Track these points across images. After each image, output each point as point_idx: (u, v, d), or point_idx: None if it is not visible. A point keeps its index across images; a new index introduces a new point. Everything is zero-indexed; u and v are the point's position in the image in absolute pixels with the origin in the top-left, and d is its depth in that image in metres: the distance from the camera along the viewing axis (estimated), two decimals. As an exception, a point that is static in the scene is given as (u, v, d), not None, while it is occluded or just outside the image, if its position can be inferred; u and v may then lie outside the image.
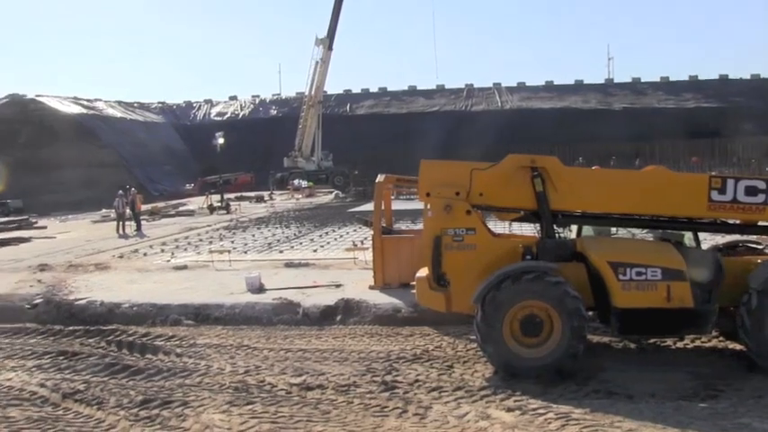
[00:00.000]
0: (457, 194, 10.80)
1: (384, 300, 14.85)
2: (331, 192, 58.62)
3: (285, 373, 10.84)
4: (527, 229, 16.49)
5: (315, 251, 23.30)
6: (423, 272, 11.44)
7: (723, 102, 75.70)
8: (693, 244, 11.38)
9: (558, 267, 10.36)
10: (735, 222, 11.11)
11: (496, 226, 15.59)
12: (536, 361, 10.05)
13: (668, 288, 9.95)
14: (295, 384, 10.26)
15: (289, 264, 20.20)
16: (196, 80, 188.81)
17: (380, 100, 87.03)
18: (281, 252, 23.42)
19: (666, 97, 79.88)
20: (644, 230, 12.05)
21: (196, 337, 13.43)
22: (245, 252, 23.73)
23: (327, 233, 28.98)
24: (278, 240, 26.91)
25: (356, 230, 28.21)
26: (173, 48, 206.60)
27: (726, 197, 10.43)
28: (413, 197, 28.32)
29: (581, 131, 69.18)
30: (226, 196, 48.75)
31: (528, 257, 10.81)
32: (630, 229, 11.93)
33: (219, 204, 44.70)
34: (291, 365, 11.27)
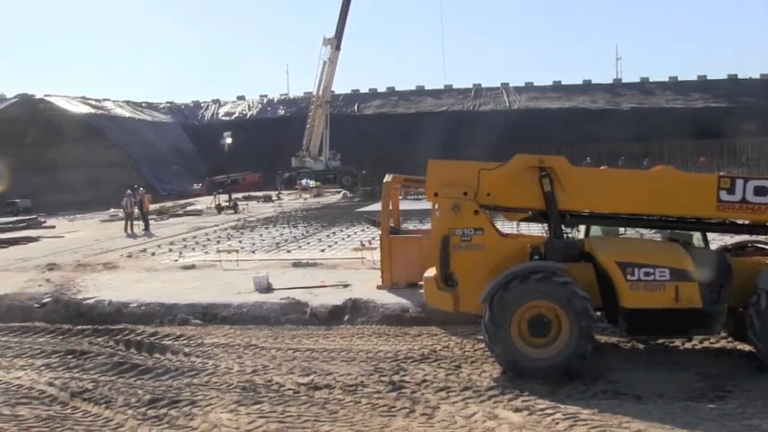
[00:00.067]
0: (465, 194, 10.79)
1: (392, 300, 14.85)
2: (339, 191, 58.57)
3: (293, 373, 10.85)
4: (535, 230, 16.46)
5: (322, 251, 23.30)
6: (431, 272, 11.43)
7: (732, 102, 75.33)
8: (702, 244, 11.35)
9: (566, 267, 10.34)
10: (744, 223, 11.05)
11: (504, 226, 15.56)
12: (544, 361, 10.04)
13: (676, 288, 9.92)
14: (303, 384, 10.27)
15: (296, 263, 20.22)
16: (204, 80, 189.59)
17: (388, 100, 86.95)
18: (289, 252, 23.44)
19: (675, 97, 79.56)
20: (652, 231, 12.02)
21: (204, 337, 13.45)
22: (252, 252, 23.76)
23: (335, 233, 28.97)
24: (286, 240, 26.92)
25: (364, 230, 28.20)
26: (181, 48, 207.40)
27: (735, 197, 10.39)
28: (421, 197, 28.37)
29: (589, 131, 69.00)
30: (234, 196, 48.82)
31: (536, 257, 10.80)
32: (639, 230, 11.90)
33: (227, 204, 44.74)
34: (299, 365, 11.28)
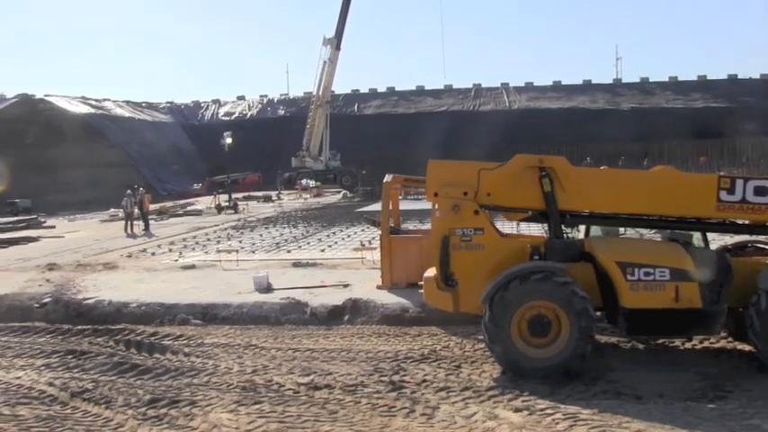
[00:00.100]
0: (465, 194, 10.79)
1: (392, 300, 14.85)
2: (339, 191, 58.56)
3: (293, 373, 10.85)
4: (535, 230, 16.46)
5: (322, 251, 23.30)
6: (431, 272, 11.43)
7: (732, 102, 75.33)
8: (702, 244, 11.35)
9: (566, 267, 10.34)
10: (744, 223, 11.05)
11: (504, 226, 15.56)
12: (544, 361, 10.05)
13: (676, 288, 9.92)
14: (303, 384, 10.27)
15: (296, 263, 20.22)
16: (204, 80, 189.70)
17: (388, 100, 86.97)
18: (289, 252, 23.44)
19: (675, 97, 79.57)
20: (652, 231, 12.02)
21: (204, 337, 13.45)
22: (252, 252, 23.76)
23: (335, 233, 28.97)
24: (286, 240, 26.92)
25: (364, 230, 28.20)
26: (181, 48, 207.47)
27: (735, 197, 10.39)
28: (421, 197, 28.37)
29: (589, 131, 69.00)
30: (234, 196, 48.83)
31: (536, 257, 10.80)
32: (638, 230, 11.90)
33: (227, 204, 44.74)
34: (299, 365, 11.28)
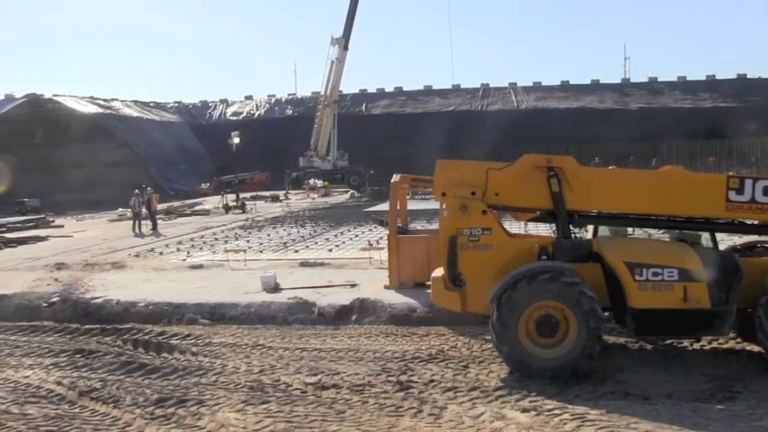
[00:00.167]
0: (472, 194, 10.77)
1: (399, 299, 14.83)
2: (346, 191, 58.61)
3: (300, 373, 10.85)
4: (543, 230, 16.44)
5: (330, 251, 23.31)
6: (438, 272, 11.41)
7: (741, 101, 75.08)
8: (710, 244, 11.30)
9: (574, 268, 10.31)
10: (753, 223, 10.98)
11: (512, 226, 15.52)
12: (552, 361, 10.01)
13: (685, 289, 9.88)
14: (310, 384, 10.27)
15: (304, 263, 20.23)
16: (212, 80, 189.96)
17: (396, 99, 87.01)
18: (297, 251, 23.46)
19: (683, 97, 79.37)
20: (660, 231, 11.98)
21: (211, 336, 13.46)
22: (260, 251, 23.77)
23: (343, 233, 28.99)
24: (293, 240, 26.94)
25: (371, 230, 28.19)
26: (189, 48, 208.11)
27: (744, 197, 10.34)
28: (428, 197, 28.34)
29: (597, 131, 68.91)
30: (241, 196, 48.84)
31: (544, 258, 10.75)
32: (647, 230, 11.86)
33: (235, 204, 44.79)
34: (306, 365, 11.28)
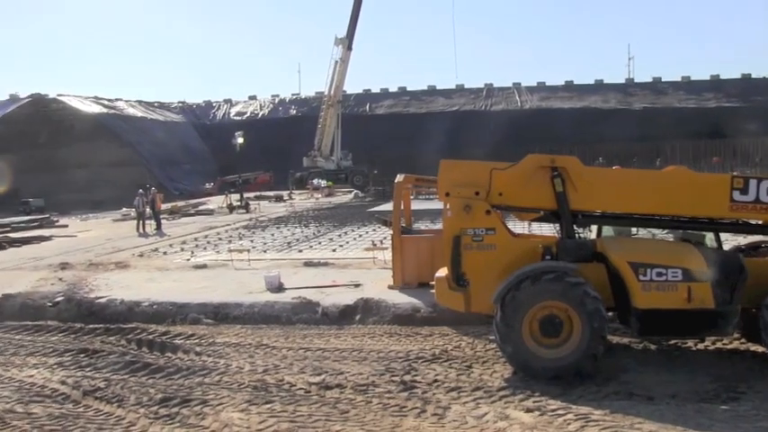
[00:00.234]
0: (476, 194, 10.76)
1: (403, 299, 14.83)
2: (350, 191, 58.65)
3: (304, 373, 10.85)
4: (547, 230, 16.41)
5: (334, 251, 23.32)
6: (442, 272, 11.41)
7: (745, 101, 74.90)
8: (715, 244, 11.29)
9: (578, 268, 10.30)
10: (757, 223, 10.97)
11: (516, 226, 15.52)
12: (555, 362, 10.00)
13: (689, 289, 9.86)
14: (314, 383, 10.27)
15: (308, 263, 20.24)
16: (216, 80, 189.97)
17: (400, 99, 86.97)
18: (301, 251, 23.47)
19: (687, 97, 79.20)
20: (664, 231, 11.97)
21: (215, 336, 13.47)
22: (264, 251, 23.78)
23: (347, 233, 28.99)
24: (297, 240, 26.96)
25: (375, 230, 28.21)
26: (193, 48, 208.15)
27: (748, 197, 10.33)
28: (432, 197, 28.35)
29: (601, 131, 68.80)
30: (245, 195, 48.89)
31: (548, 258, 10.75)
32: (651, 230, 11.85)
33: (239, 204, 44.84)
34: (310, 364, 11.28)
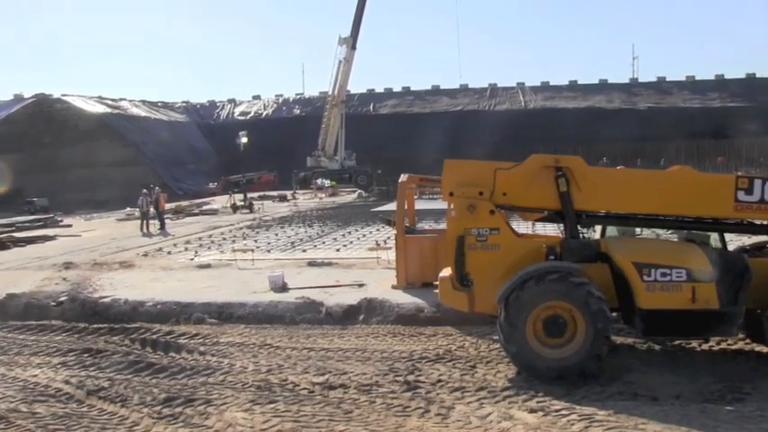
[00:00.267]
0: (480, 194, 10.74)
1: (407, 299, 14.82)
2: (354, 191, 58.69)
3: (308, 372, 10.85)
4: (551, 230, 16.41)
5: (338, 250, 23.32)
6: (446, 272, 11.39)
7: (750, 101, 74.76)
8: (719, 245, 11.27)
9: (582, 268, 10.27)
10: (762, 223, 10.94)
11: (520, 226, 15.50)
12: (559, 362, 9.97)
13: (693, 289, 9.83)
14: (317, 383, 10.27)
15: (312, 263, 20.24)
16: (220, 80, 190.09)
17: (403, 99, 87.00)
18: (304, 251, 23.48)
19: (692, 97, 79.12)
20: (669, 231, 11.94)
21: (219, 336, 13.47)
22: (268, 251, 23.79)
23: (350, 232, 28.99)
24: (301, 239, 26.97)
25: (379, 230, 28.21)
26: (197, 48, 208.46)
27: (753, 197, 10.30)
28: (436, 197, 28.34)
29: (605, 131, 68.80)
30: (249, 195, 48.90)
31: (552, 258, 10.72)
32: (655, 230, 11.83)
33: (243, 203, 44.86)
34: (314, 364, 11.28)
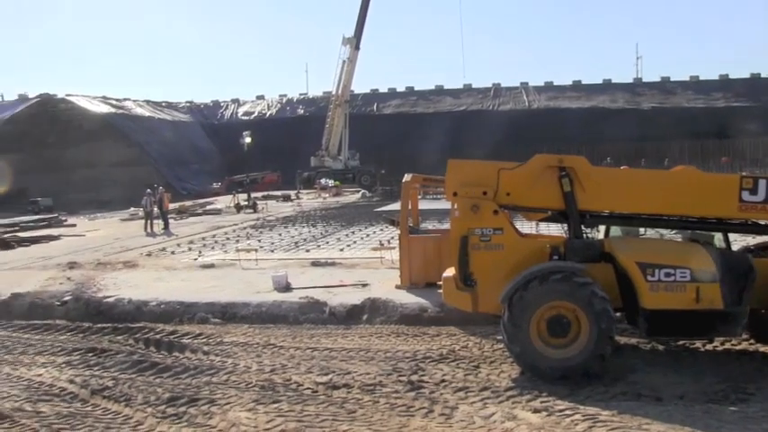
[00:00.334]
0: (484, 194, 10.74)
1: (410, 299, 14.83)
2: (358, 191, 58.65)
3: (311, 372, 10.86)
4: (554, 230, 16.38)
5: (341, 250, 23.33)
6: (449, 271, 11.40)
7: (754, 101, 74.52)
8: (723, 245, 11.25)
9: (586, 268, 10.27)
10: (766, 223, 10.93)
11: (523, 226, 15.49)
12: (563, 362, 9.96)
13: (697, 289, 9.82)
14: (321, 383, 10.28)
15: (315, 263, 20.25)
16: (223, 80, 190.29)
17: (407, 99, 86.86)
18: (308, 251, 23.49)
19: (696, 96, 78.87)
20: (673, 231, 11.93)
21: (223, 336, 13.50)
22: (271, 251, 23.82)
23: (354, 232, 29.01)
24: (304, 239, 26.98)
25: (383, 230, 28.20)
26: (200, 48, 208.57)
27: (757, 198, 10.28)
28: (439, 197, 28.36)
29: (609, 131, 68.65)
30: (252, 195, 48.95)
31: (555, 258, 10.72)
32: (659, 230, 11.81)
33: (246, 203, 44.87)
34: (318, 364, 11.29)
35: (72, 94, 72.47)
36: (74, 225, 38.79)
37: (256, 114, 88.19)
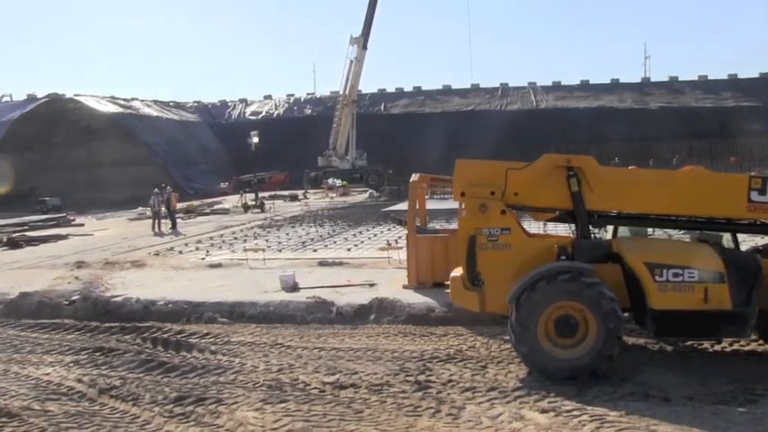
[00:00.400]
0: (492, 194, 10.72)
1: (418, 299, 14.82)
2: (365, 191, 58.67)
3: (318, 372, 10.86)
4: (562, 230, 16.36)
5: (349, 250, 23.33)
6: (457, 271, 11.39)
7: (763, 100, 74.21)
8: (732, 245, 11.21)
9: (594, 268, 10.24)
10: (775, 224, 10.90)
11: (531, 226, 15.46)
12: (571, 362, 9.94)
13: (705, 290, 9.79)
14: (328, 383, 10.27)
15: (323, 262, 20.26)
16: (231, 80, 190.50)
17: (415, 99, 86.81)
18: (315, 251, 23.50)
19: (704, 96, 78.60)
20: (681, 231, 11.89)
21: (230, 335, 13.51)
22: (279, 251, 23.83)
23: (361, 232, 29.01)
24: (312, 239, 27.00)
25: (390, 230, 28.20)
26: (208, 48, 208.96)
27: (766, 198, 10.22)
28: (447, 196, 28.30)
29: (617, 131, 68.54)
30: (260, 195, 48.98)
31: (563, 258, 10.69)
32: (667, 230, 11.77)
33: (254, 203, 44.94)
34: (325, 364, 11.29)
35: (80, 94, 72.71)
36: (82, 224, 38.92)
37: (264, 114, 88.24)
